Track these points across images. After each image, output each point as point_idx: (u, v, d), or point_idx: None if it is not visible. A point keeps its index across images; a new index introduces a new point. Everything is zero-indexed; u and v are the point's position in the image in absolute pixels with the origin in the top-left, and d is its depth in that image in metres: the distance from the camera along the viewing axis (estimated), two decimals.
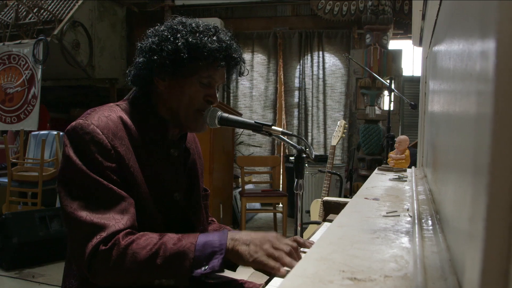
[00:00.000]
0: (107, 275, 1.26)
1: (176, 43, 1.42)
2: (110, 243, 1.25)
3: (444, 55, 1.23)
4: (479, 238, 0.40)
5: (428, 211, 1.21)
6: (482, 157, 0.43)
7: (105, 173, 1.32)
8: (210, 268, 1.23)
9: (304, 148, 1.75)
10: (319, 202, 4.31)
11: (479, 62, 0.48)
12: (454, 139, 0.89)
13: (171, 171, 1.53)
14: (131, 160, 1.39)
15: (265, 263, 1.22)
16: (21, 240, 4.20)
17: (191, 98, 1.48)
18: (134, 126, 1.45)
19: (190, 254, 1.24)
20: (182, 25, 1.47)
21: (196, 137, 1.78)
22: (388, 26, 6.35)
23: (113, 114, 1.43)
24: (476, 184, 0.46)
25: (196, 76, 1.47)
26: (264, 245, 1.26)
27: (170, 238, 1.28)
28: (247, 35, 7.62)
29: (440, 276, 0.70)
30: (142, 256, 1.24)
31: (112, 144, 1.35)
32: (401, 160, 2.37)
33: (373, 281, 0.69)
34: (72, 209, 1.28)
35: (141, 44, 1.51)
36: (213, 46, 1.43)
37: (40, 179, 5.33)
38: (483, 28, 0.47)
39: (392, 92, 4.31)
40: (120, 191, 1.33)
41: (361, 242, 0.91)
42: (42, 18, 6.54)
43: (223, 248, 1.25)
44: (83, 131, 1.33)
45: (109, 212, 1.29)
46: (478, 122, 0.47)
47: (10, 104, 6.23)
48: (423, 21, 2.33)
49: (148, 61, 1.45)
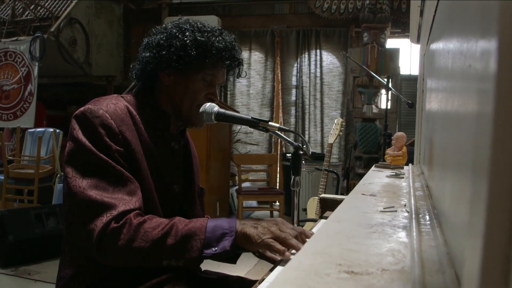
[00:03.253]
0: (117, 253, 1.28)
1: (185, 40, 1.47)
2: (122, 221, 1.27)
3: (442, 53, 1.22)
4: (479, 230, 0.40)
5: (426, 206, 1.20)
6: (483, 153, 0.42)
7: (114, 155, 1.35)
8: (221, 249, 1.27)
9: (301, 145, 1.75)
10: (316, 200, 4.31)
11: (479, 60, 0.47)
12: (452, 136, 0.88)
13: (171, 164, 1.56)
14: (137, 147, 1.42)
15: (272, 245, 1.25)
16: (17, 237, 4.18)
17: (194, 95, 1.53)
18: (139, 117, 1.48)
19: (201, 235, 1.28)
20: (189, 24, 1.52)
21: (190, 136, 1.80)
22: (385, 24, 6.35)
23: (120, 102, 1.46)
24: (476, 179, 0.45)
25: (201, 73, 1.51)
26: (271, 227, 1.30)
27: (181, 220, 1.32)
28: (245, 33, 7.61)
29: (438, 270, 0.69)
30: (153, 235, 1.27)
31: (120, 130, 1.38)
32: (398, 156, 2.37)
33: (370, 274, 0.69)
34: (82, 188, 1.30)
35: (148, 40, 1.55)
36: (220, 45, 1.49)
37: (36, 177, 5.31)
38: (485, 25, 0.46)
39: (390, 91, 4.30)
40: (128, 174, 1.36)
41: (358, 237, 0.91)
42: (39, 15, 6.52)
43: (233, 230, 1.29)
44: (92, 115, 1.37)
45: (118, 193, 1.32)
46: (479, 119, 0.46)
47: (7, 101, 6.22)
48: (421, 17, 2.32)
49: (155, 56, 1.49)
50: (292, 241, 1.27)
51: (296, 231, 1.32)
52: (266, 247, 1.27)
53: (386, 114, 4.41)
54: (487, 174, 0.40)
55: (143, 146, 1.45)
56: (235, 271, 1.46)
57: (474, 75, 0.54)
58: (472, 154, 0.51)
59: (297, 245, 1.26)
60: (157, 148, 1.50)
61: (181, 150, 1.62)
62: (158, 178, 1.48)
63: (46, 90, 7.15)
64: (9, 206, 5.39)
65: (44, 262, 4.31)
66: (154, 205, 1.45)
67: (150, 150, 1.47)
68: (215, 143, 5.07)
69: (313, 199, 4.43)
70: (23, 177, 5.52)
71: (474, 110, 0.53)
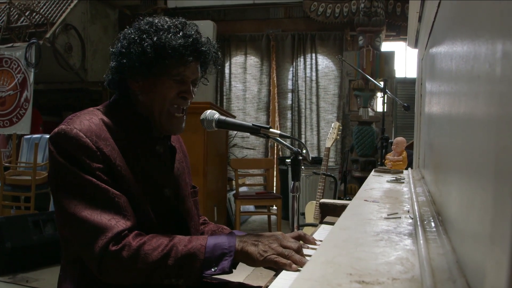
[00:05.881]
0: (118, 275, 1.29)
1: (143, 44, 1.44)
2: (121, 244, 1.27)
3: (444, 57, 1.23)
4: (505, 242, 0.40)
5: (430, 212, 1.21)
6: (506, 159, 0.42)
7: (96, 174, 1.33)
8: (220, 270, 1.28)
9: (301, 150, 1.75)
10: (313, 204, 4.31)
11: (500, 64, 0.48)
12: (458, 140, 0.88)
13: (159, 167, 1.54)
14: (118, 159, 1.40)
15: (276, 261, 1.26)
16: (15, 244, 4.16)
17: (164, 96, 1.49)
18: (117, 127, 1.46)
19: (200, 256, 1.28)
20: (149, 25, 1.50)
21: (180, 137, 1.79)
22: (380, 28, 6.37)
23: (94, 117, 1.44)
24: (499, 186, 0.45)
25: (167, 74, 1.47)
26: (272, 244, 1.31)
27: (181, 240, 1.32)
28: (240, 37, 7.63)
29: (449, 278, 0.70)
30: (154, 257, 1.27)
31: (97, 146, 1.36)
32: (398, 161, 2.38)
33: (381, 284, 0.69)
34: (72, 211, 1.29)
35: (112, 49, 1.54)
36: (177, 42, 1.44)
37: (33, 183, 5.29)
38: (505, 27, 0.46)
39: (386, 94, 4.32)
40: (114, 190, 1.34)
41: (365, 245, 0.91)
42: (34, 21, 6.50)
43: (232, 250, 1.29)
44: (66, 136, 1.34)
45: (108, 211, 1.31)
46: (501, 123, 0.46)
47: (2, 108, 6.19)
48: (419, 23, 2.33)
49: (119, 65, 1.48)
50: (296, 256, 1.27)
51: (298, 243, 1.34)
52: (271, 263, 1.27)
53: (383, 117, 4.42)
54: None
55: (125, 155, 1.43)
56: (235, 277, 1.46)
57: (492, 77, 0.53)
58: (493, 159, 0.50)
59: (301, 260, 1.26)
60: (141, 154, 1.49)
61: (168, 153, 1.60)
62: (147, 184, 1.47)
63: (42, 96, 7.14)
64: (6, 213, 5.36)
65: (42, 269, 4.29)
66: (146, 213, 1.44)
67: (134, 158, 1.45)
68: (212, 147, 5.06)
69: (311, 203, 4.43)
70: (20, 183, 5.49)
71: (492, 113, 0.53)
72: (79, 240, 1.31)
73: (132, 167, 1.43)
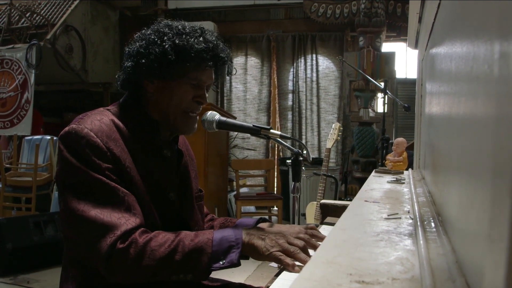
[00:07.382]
0: (126, 273, 1.28)
1: (163, 45, 1.44)
2: (127, 241, 1.27)
3: (444, 57, 1.23)
4: (503, 241, 0.40)
5: (430, 213, 1.21)
6: (504, 158, 0.43)
7: (105, 173, 1.33)
8: (229, 262, 1.28)
9: (301, 151, 1.76)
10: (314, 204, 4.32)
11: (498, 64, 0.48)
12: (457, 141, 0.89)
13: (165, 171, 1.54)
14: (127, 161, 1.40)
15: (281, 259, 1.26)
16: (16, 245, 4.17)
17: (180, 99, 1.50)
18: (126, 129, 1.46)
19: (208, 249, 1.28)
20: (169, 28, 1.49)
21: (187, 140, 1.79)
22: (381, 28, 6.37)
23: (105, 117, 1.44)
24: (497, 186, 0.45)
25: (185, 77, 1.48)
26: (279, 240, 1.31)
27: (187, 235, 1.32)
28: (241, 38, 7.62)
29: (448, 278, 0.70)
30: (160, 253, 1.27)
31: (107, 146, 1.36)
32: (399, 162, 2.38)
33: (381, 284, 0.69)
34: (80, 211, 1.29)
35: (128, 49, 1.53)
36: (199, 47, 1.45)
37: (34, 184, 5.30)
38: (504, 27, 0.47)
39: (386, 95, 4.32)
40: (123, 189, 1.35)
41: (365, 245, 0.91)
42: (35, 22, 6.51)
43: (239, 242, 1.30)
44: (77, 135, 1.34)
45: (117, 210, 1.31)
46: (499, 123, 0.47)
47: (3, 109, 6.20)
48: (420, 24, 2.33)
49: (136, 65, 1.47)
50: (301, 255, 1.27)
51: (304, 242, 1.33)
52: (275, 260, 1.27)
53: (384, 118, 4.42)
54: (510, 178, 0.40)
55: (134, 157, 1.43)
56: (236, 277, 1.47)
57: (490, 78, 0.54)
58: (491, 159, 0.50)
59: (305, 259, 1.26)
60: (149, 157, 1.49)
61: (175, 157, 1.60)
62: (153, 187, 1.47)
63: (43, 97, 7.14)
64: (7, 214, 5.38)
65: (43, 270, 4.30)
66: (151, 216, 1.44)
67: (142, 161, 1.45)
68: (213, 148, 5.07)
69: (312, 204, 4.43)
70: (21, 185, 5.50)
71: (490, 114, 0.53)
72: (87, 239, 1.30)
73: (139, 170, 1.44)
